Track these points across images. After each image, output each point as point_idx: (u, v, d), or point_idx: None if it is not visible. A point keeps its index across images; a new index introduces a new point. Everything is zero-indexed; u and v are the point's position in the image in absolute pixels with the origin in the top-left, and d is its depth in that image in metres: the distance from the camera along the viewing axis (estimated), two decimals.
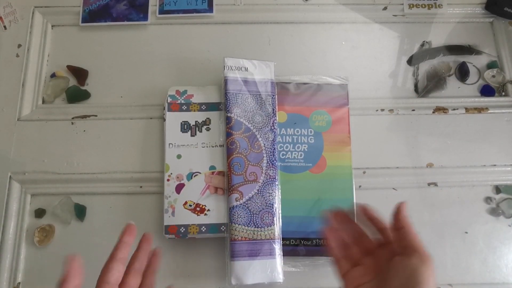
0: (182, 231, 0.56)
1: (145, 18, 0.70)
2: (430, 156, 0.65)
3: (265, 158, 0.58)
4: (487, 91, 0.68)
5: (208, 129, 0.61)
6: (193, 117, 0.61)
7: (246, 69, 0.61)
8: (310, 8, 0.72)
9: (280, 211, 0.57)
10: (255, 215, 0.56)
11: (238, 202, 0.56)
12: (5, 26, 0.69)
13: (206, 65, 0.68)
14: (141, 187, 0.62)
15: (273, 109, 0.61)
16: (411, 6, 0.73)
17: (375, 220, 0.42)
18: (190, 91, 0.62)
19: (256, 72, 0.61)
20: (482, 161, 0.65)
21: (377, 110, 0.67)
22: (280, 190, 0.58)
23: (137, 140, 0.64)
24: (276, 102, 0.61)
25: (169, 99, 0.61)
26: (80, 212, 0.60)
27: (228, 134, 0.58)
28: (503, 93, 0.69)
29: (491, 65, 0.70)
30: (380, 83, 0.69)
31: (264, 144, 0.59)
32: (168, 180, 0.58)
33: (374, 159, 0.64)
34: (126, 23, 0.70)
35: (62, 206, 0.60)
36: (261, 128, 0.59)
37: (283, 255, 0.56)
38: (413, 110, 0.67)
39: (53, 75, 0.67)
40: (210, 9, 0.71)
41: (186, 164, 0.59)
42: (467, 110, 0.68)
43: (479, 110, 0.68)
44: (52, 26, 0.71)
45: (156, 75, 0.67)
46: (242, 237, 0.55)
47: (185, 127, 0.61)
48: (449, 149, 0.66)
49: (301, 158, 0.61)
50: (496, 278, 0.60)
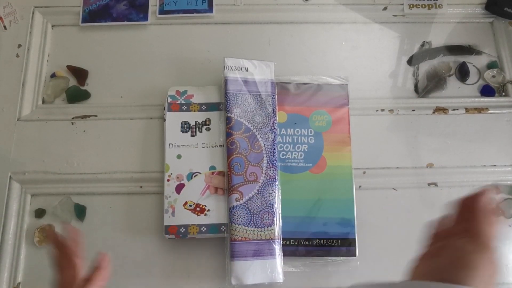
0: (182, 231, 0.56)
1: (145, 18, 0.70)
2: (430, 156, 0.65)
3: (265, 158, 0.58)
4: (487, 91, 0.68)
5: (208, 129, 0.61)
6: (193, 117, 0.61)
7: (246, 69, 0.61)
8: (310, 8, 0.72)
9: (280, 211, 0.57)
10: (255, 215, 0.56)
11: (238, 202, 0.56)
12: (5, 26, 0.69)
13: (206, 65, 0.68)
14: (141, 187, 0.62)
15: (273, 109, 0.61)
16: (411, 6, 0.73)
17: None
18: (190, 91, 0.62)
19: (256, 72, 0.61)
20: (482, 161, 0.65)
21: (377, 110, 0.67)
22: (280, 190, 0.58)
23: (137, 140, 0.64)
24: (276, 102, 0.61)
25: (169, 99, 0.61)
26: (80, 212, 0.60)
27: (228, 134, 0.58)
28: (503, 93, 0.69)
29: (491, 65, 0.70)
30: (380, 83, 0.69)
31: (264, 144, 0.59)
32: (168, 180, 0.58)
33: (374, 159, 0.64)
34: (126, 23, 0.70)
35: (62, 206, 0.60)
36: (261, 128, 0.59)
37: (283, 255, 0.56)
38: (413, 110, 0.67)
39: (53, 75, 0.67)
40: (210, 9, 0.71)
41: (186, 164, 0.59)
42: (467, 110, 0.68)
43: (479, 110, 0.68)
44: (52, 26, 0.71)
45: (156, 75, 0.67)
46: (242, 237, 0.55)
47: (185, 127, 0.61)
48: (449, 149, 0.65)
49: (301, 158, 0.61)
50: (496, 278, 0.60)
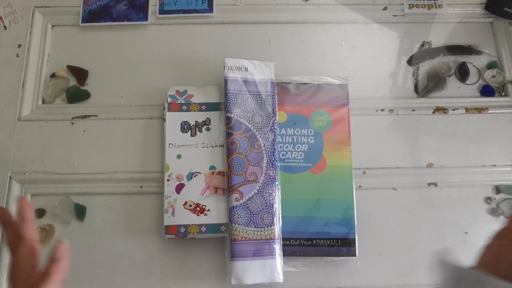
0: (182, 231, 0.56)
1: (145, 18, 0.70)
2: (430, 156, 0.65)
3: (265, 158, 0.58)
4: (487, 91, 0.68)
5: (208, 129, 0.61)
6: (193, 117, 0.61)
7: (246, 69, 0.61)
8: (310, 8, 0.72)
9: (280, 211, 0.57)
10: (255, 215, 0.56)
11: (238, 202, 0.56)
12: (5, 26, 0.69)
13: (206, 65, 0.68)
14: (141, 187, 0.62)
15: (273, 109, 0.61)
16: (411, 6, 0.73)
17: None
18: (190, 91, 0.62)
19: (256, 72, 0.61)
20: (482, 161, 0.65)
21: (377, 110, 0.67)
22: (280, 190, 0.58)
23: (137, 140, 0.64)
24: (276, 102, 0.61)
25: (169, 99, 0.61)
26: (80, 212, 0.60)
27: (228, 134, 0.58)
28: (503, 93, 0.69)
29: (491, 65, 0.70)
30: (380, 83, 0.69)
31: (264, 144, 0.59)
32: (168, 180, 0.58)
33: (374, 159, 0.64)
34: (126, 23, 0.70)
35: (62, 206, 0.60)
36: (261, 128, 0.59)
37: (283, 255, 0.56)
38: (413, 110, 0.67)
39: (53, 75, 0.67)
40: (210, 9, 0.71)
41: (186, 164, 0.59)
42: (467, 110, 0.67)
43: (479, 110, 0.68)
44: (52, 26, 0.71)
45: (156, 75, 0.67)
46: (242, 237, 0.55)
47: (185, 127, 0.61)
48: (449, 149, 0.65)
49: (301, 158, 0.61)
50: None
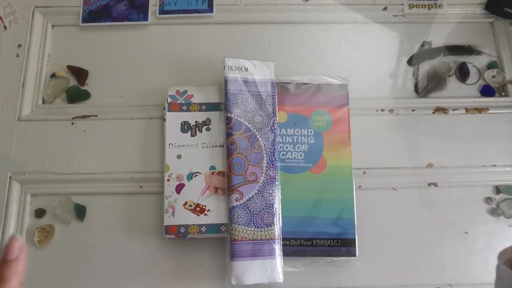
0: (182, 231, 0.56)
1: (145, 18, 0.70)
2: (430, 156, 0.65)
3: (265, 158, 0.58)
4: (487, 91, 0.68)
5: (208, 129, 0.61)
6: (193, 117, 0.61)
7: (246, 69, 0.61)
8: (310, 8, 0.72)
9: (280, 211, 0.57)
10: (255, 215, 0.56)
11: (238, 202, 0.56)
12: (5, 26, 0.69)
13: (206, 65, 0.68)
14: (141, 187, 0.62)
15: (273, 109, 0.61)
16: (411, 6, 0.73)
17: None
18: (190, 91, 0.62)
19: (256, 72, 0.61)
20: (482, 161, 0.65)
21: (377, 110, 0.67)
22: (280, 190, 0.58)
23: (137, 140, 0.64)
24: (276, 102, 0.61)
25: (169, 99, 0.61)
26: (80, 212, 0.60)
27: (228, 134, 0.58)
28: (503, 93, 0.69)
29: (491, 65, 0.70)
30: (380, 83, 0.69)
31: (264, 144, 0.59)
32: (168, 180, 0.58)
33: (374, 159, 0.64)
34: (126, 23, 0.70)
35: (62, 206, 0.60)
36: (261, 128, 0.59)
37: (283, 255, 0.56)
38: (413, 110, 0.67)
39: (53, 75, 0.67)
40: (210, 9, 0.71)
41: (186, 164, 0.59)
42: (467, 110, 0.67)
43: (479, 110, 0.68)
44: (52, 26, 0.71)
45: (156, 75, 0.67)
46: (242, 237, 0.55)
47: (185, 127, 0.61)
48: (449, 149, 0.65)
49: (301, 158, 0.61)
50: None
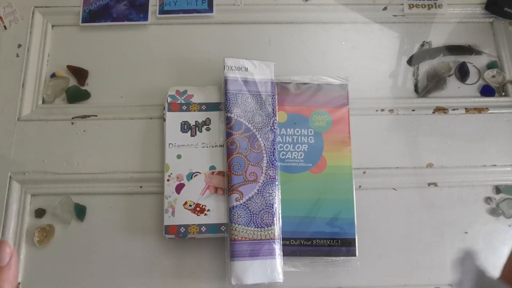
0: (182, 231, 0.56)
1: (145, 18, 0.70)
2: (430, 156, 0.65)
3: (265, 158, 0.58)
4: (487, 91, 0.68)
5: (208, 129, 0.61)
6: (193, 117, 0.61)
7: (246, 69, 0.61)
8: (310, 8, 0.72)
9: (280, 211, 0.57)
10: (255, 215, 0.56)
11: (238, 202, 0.56)
12: (5, 26, 0.69)
13: (206, 65, 0.68)
14: (141, 187, 0.62)
15: (273, 109, 0.61)
16: (411, 6, 0.73)
17: None
18: (190, 91, 0.62)
19: (256, 72, 0.61)
20: (482, 161, 0.65)
21: (377, 110, 0.67)
22: (280, 190, 0.58)
23: (137, 140, 0.64)
24: (276, 102, 0.61)
25: (169, 99, 0.61)
26: (80, 212, 0.60)
27: (228, 134, 0.58)
28: (503, 93, 0.69)
29: (491, 65, 0.70)
30: (380, 83, 0.69)
31: (264, 144, 0.59)
32: (168, 180, 0.58)
33: (374, 159, 0.64)
34: (126, 23, 0.70)
35: (62, 206, 0.60)
36: (261, 128, 0.59)
37: (283, 255, 0.56)
38: (413, 110, 0.67)
39: (53, 75, 0.67)
40: (210, 9, 0.71)
41: (186, 164, 0.59)
42: (467, 110, 0.68)
43: (479, 110, 0.68)
44: (52, 26, 0.71)
45: (156, 75, 0.67)
46: (242, 237, 0.55)
47: (185, 127, 0.61)
48: (449, 149, 0.65)
49: (301, 158, 0.61)
50: None
